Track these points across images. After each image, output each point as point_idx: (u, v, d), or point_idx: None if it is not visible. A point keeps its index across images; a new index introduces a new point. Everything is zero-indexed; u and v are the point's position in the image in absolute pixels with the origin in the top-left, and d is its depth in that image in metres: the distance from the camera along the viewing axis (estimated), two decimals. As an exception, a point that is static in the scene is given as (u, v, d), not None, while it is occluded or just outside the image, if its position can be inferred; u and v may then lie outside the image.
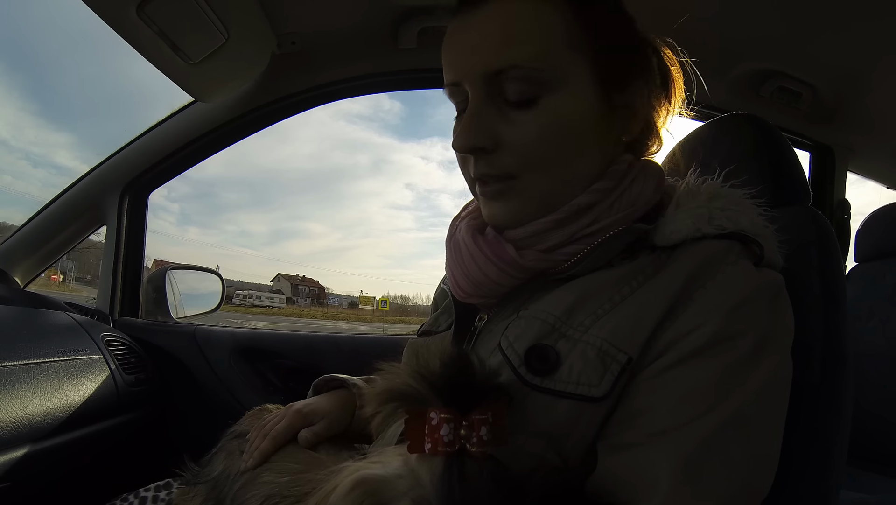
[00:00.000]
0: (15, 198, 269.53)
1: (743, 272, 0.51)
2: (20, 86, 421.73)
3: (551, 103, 0.54)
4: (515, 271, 0.57)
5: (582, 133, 0.56)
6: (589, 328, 0.51)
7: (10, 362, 0.92)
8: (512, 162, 0.55)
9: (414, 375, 0.39)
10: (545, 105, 0.54)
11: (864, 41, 1.18)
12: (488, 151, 0.56)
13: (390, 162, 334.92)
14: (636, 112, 0.60)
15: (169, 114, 1.44)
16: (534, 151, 0.55)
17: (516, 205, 0.58)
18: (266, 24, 1.17)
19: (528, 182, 0.56)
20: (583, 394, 0.48)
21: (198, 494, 0.71)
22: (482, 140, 0.55)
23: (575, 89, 0.55)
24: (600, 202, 0.57)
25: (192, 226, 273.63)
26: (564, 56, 0.54)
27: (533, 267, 0.57)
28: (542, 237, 0.58)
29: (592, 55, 0.55)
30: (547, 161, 0.55)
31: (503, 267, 0.57)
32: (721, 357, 0.47)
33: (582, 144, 0.56)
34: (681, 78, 0.67)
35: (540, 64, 0.53)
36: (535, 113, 0.54)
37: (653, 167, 0.62)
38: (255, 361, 1.44)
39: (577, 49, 0.54)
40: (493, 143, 0.55)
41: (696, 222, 0.55)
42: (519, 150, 0.55)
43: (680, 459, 0.44)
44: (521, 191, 0.57)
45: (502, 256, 0.57)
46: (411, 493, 0.36)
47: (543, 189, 0.57)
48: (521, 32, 0.53)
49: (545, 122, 0.54)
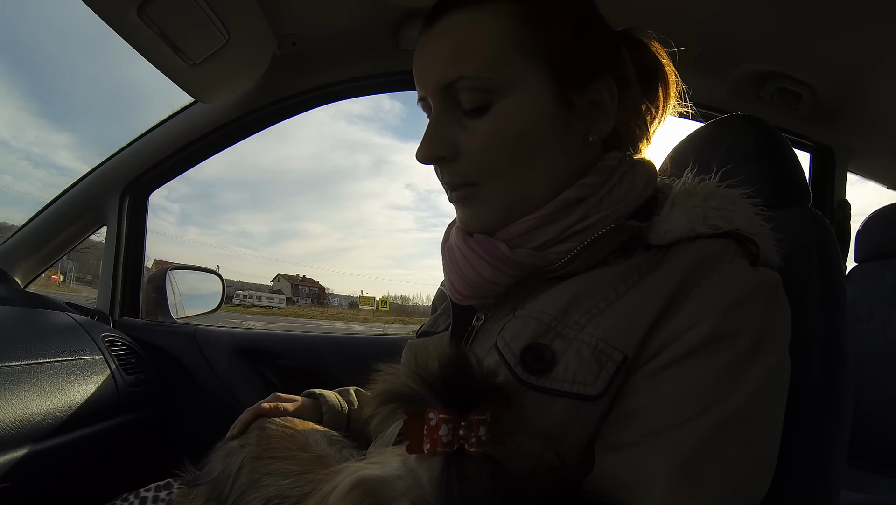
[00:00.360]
0: (16, 198, 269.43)
1: (739, 271, 0.51)
2: (21, 86, 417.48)
3: (502, 109, 0.55)
4: (509, 268, 0.58)
5: (537, 136, 0.56)
6: (584, 327, 0.51)
7: (11, 363, 0.92)
8: (470, 170, 0.58)
9: (412, 376, 0.40)
10: (496, 112, 0.55)
11: (865, 42, 1.18)
12: (449, 160, 0.58)
13: (390, 162, 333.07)
14: (605, 110, 0.59)
15: (169, 114, 1.44)
16: (489, 157, 0.56)
17: (481, 210, 0.60)
18: (267, 24, 1.17)
19: (489, 188, 0.58)
20: (578, 392, 0.48)
21: (198, 496, 0.71)
22: (441, 150, 0.57)
23: (527, 94, 0.55)
24: (589, 197, 0.57)
25: (192, 226, 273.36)
26: (514, 62, 0.55)
27: (526, 263, 0.57)
28: (532, 234, 0.58)
29: (547, 59, 0.56)
30: (503, 166, 0.57)
31: (496, 264, 0.58)
32: (718, 356, 0.47)
33: (539, 147, 0.57)
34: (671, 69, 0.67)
35: (487, 73, 0.55)
36: (486, 120, 0.56)
37: (643, 163, 0.62)
38: (256, 362, 1.44)
39: (529, 53, 0.55)
40: (452, 152, 0.57)
41: (691, 221, 0.55)
42: (475, 158, 0.57)
43: (677, 460, 0.44)
44: (483, 197, 0.59)
45: (494, 254, 0.58)
46: (410, 493, 0.36)
47: (505, 193, 0.58)
48: (468, 44, 0.55)
49: (496, 127, 0.56)
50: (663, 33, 0.68)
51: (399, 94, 1.55)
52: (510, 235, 0.59)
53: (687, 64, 0.68)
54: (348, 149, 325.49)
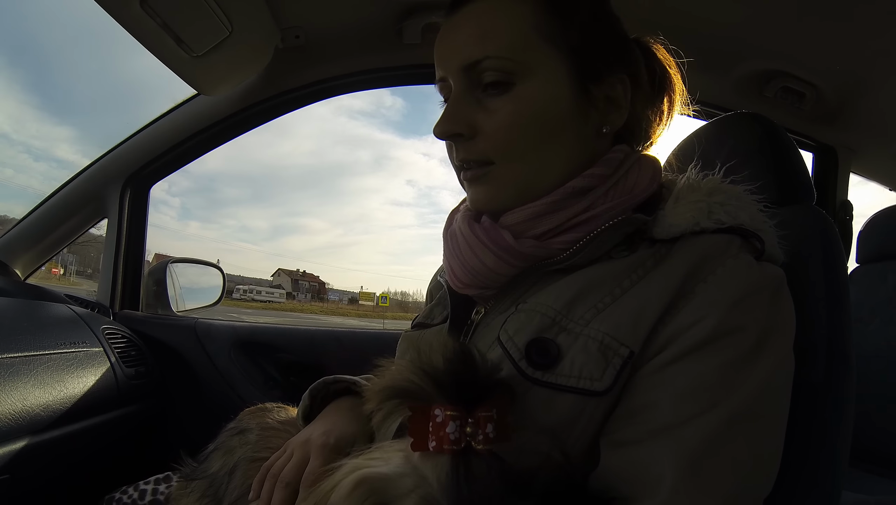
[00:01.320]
0: (16, 191, 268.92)
1: (744, 266, 0.51)
2: (22, 79, 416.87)
3: (523, 91, 0.56)
4: (512, 258, 0.58)
5: (554, 120, 0.57)
6: (590, 322, 0.51)
7: (10, 354, 0.91)
8: (488, 148, 0.58)
9: (416, 372, 0.39)
10: (518, 93, 0.56)
11: (869, 42, 1.18)
12: (466, 138, 0.59)
13: (391, 158, 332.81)
14: (618, 105, 0.61)
15: (171, 107, 1.43)
16: (507, 137, 0.57)
17: (493, 189, 0.60)
18: (270, 17, 1.16)
19: (503, 167, 0.59)
20: (585, 388, 0.48)
21: (195, 490, 0.70)
22: (460, 127, 0.58)
23: (548, 78, 0.57)
24: (595, 188, 0.58)
25: (192, 220, 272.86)
26: (538, 47, 0.56)
27: (530, 253, 0.57)
28: (536, 222, 0.58)
29: (567, 47, 0.57)
30: (520, 146, 0.57)
31: (500, 254, 0.58)
32: (723, 352, 0.47)
33: (555, 131, 0.58)
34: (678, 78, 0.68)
35: (511, 54, 0.56)
36: (507, 100, 0.57)
37: (649, 159, 0.63)
38: (256, 355, 1.44)
39: (552, 41, 0.57)
40: (471, 129, 0.58)
41: (696, 216, 0.55)
42: (493, 136, 0.57)
43: (683, 456, 0.44)
44: (497, 176, 0.59)
45: (499, 243, 0.58)
46: (418, 491, 0.36)
47: (518, 174, 0.59)
48: (494, 27, 0.57)
49: (517, 108, 0.56)
50: (668, 32, 0.68)
51: (401, 89, 1.55)
52: (515, 221, 0.59)
53: (691, 62, 0.68)
54: (349, 144, 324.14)
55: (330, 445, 0.58)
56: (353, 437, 0.60)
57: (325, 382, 0.68)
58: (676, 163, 0.69)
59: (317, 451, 0.57)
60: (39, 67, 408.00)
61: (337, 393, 0.68)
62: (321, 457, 0.56)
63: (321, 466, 0.55)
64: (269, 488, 0.57)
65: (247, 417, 0.77)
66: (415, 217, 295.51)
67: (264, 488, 0.58)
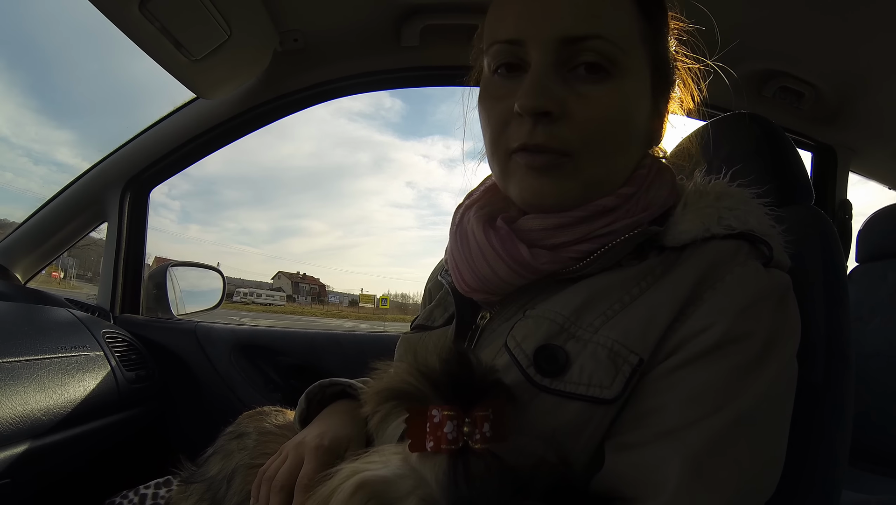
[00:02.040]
0: (16, 195, 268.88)
1: (752, 273, 0.51)
2: (21, 82, 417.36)
3: (622, 85, 0.53)
4: (526, 272, 0.55)
5: (635, 126, 0.56)
6: (599, 329, 0.51)
7: (11, 358, 0.91)
8: (574, 137, 0.52)
9: (413, 373, 0.39)
10: (617, 85, 0.53)
11: (868, 41, 1.18)
12: (552, 119, 0.52)
13: (391, 160, 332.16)
14: (663, 121, 0.61)
15: (171, 110, 1.43)
16: (598, 129, 0.53)
17: (567, 184, 0.54)
18: (269, 21, 1.17)
19: (582, 163, 0.54)
20: (594, 395, 0.48)
21: (193, 493, 0.71)
22: (550, 104, 0.51)
23: (640, 80, 0.56)
24: (621, 206, 0.56)
25: (192, 223, 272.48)
26: (637, 46, 0.55)
27: (544, 269, 0.55)
28: (556, 232, 0.55)
29: (652, 54, 0.57)
30: (606, 142, 0.54)
31: (514, 267, 0.55)
32: (730, 357, 0.47)
33: (632, 138, 0.57)
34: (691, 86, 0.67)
35: (621, 42, 0.52)
36: (606, 90, 0.52)
37: (667, 171, 0.62)
38: (256, 359, 1.44)
39: (646, 42, 0.56)
40: (560, 110, 0.52)
41: (706, 222, 0.55)
42: (584, 125, 0.52)
43: (688, 458, 0.44)
44: (574, 171, 0.54)
45: (514, 256, 0.55)
46: (418, 491, 0.36)
47: (594, 172, 0.55)
48: (604, 7, 0.53)
49: (614, 102, 0.53)
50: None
51: (400, 91, 1.55)
52: (534, 228, 0.56)
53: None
54: (349, 146, 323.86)
55: (324, 447, 0.57)
56: (348, 439, 0.59)
57: (320, 385, 0.67)
58: (675, 164, 0.69)
59: (310, 454, 0.56)
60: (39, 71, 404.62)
61: (333, 396, 0.68)
62: (315, 460, 0.56)
63: (315, 469, 0.54)
64: (266, 493, 0.57)
65: (245, 420, 0.77)
66: (415, 219, 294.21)
67: (261, 493, 0.58)
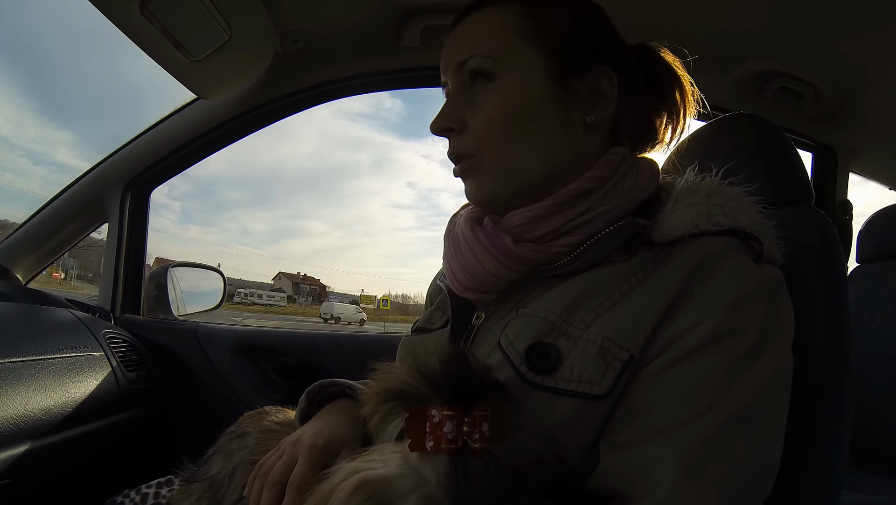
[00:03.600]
0: (16, 195, 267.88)
1: (743, 268, 0.52)
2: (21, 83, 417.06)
3: (502, 84, 0.60)
4: (512, 262, 0.58)
5: (531, 110, 0.60)
6: (589, 326, 0.51)
7: (12, 359, 0.91)
8: (470, 142, 0.62)
9: (412, 374, 0.40)
10: (496, 86, 0.61)
11: (868, 41, 1.18)
12: (456, 133, 0.63)
13: (391, 160, 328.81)
14: (604, 97, 0.62)
15: (171, 111, 1.43)
16: (486, 127, 0.61)
17: (478, 178, 0.63)
18: (269, 21, 1.17)
19: (483, 158, 0.62)
20: (585, 392, 0.49)
21: (194, 493, 0.71)
22: (449, 122, 0.63)
23: (524, 73, 0.60)
24: (595, 190, 0.59)
25: (193, 224, 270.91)
26: (515, 45, 0.61)
27: (530, 258, 0.58)
28: (536, 224, 0.59)
29: (545, 46, 0.61)
30: (498, 135, 0.61)
31: (500, 257, 0.58)
32: (722, 354, 0.47)
33: (532, 120, 0.60)
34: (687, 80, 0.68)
35: (491, 52, 0.61)
36: (489, 93, 0.61)
37: (646, 161, 0.64)
38: (257, 359, 1.44)
39: (529, 40, 0.61)
40: (460, 125, 0.63)
41: (694, 218, 0.55)
42: (476, 128, 0.62)
43: (682, 457, 0.44)
44: (479, 166, 0.62)
45: (499, 247, 0.59)
46: (418, 490, 0.36)
47: (498, 161, 0.61)
48: (478, 34, 0.63)
49: (497, 100, 0.60)
50: (666, 33, 0.68)
51: (400, 91, 1.55)
52: (515, 223, 0.60)
53: (689, 63, 0.68)
54: (349, 147, 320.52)
55: (318, 447, 0.58)
56: (343, 439, 0.60)
57: (321, 385, 0.69)
58: (675, 165, 0.69)
59: (304, 454, 0.57)
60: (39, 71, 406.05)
61: (333, 396, 0.69)
62: (307, 461, 0.57)
63: (307, 469, 0.55)
64: (259, 488, 0.58)
65: (246, 420, 0.77)
66: (415, 219, 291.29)
67: (254, 488, 0.59)
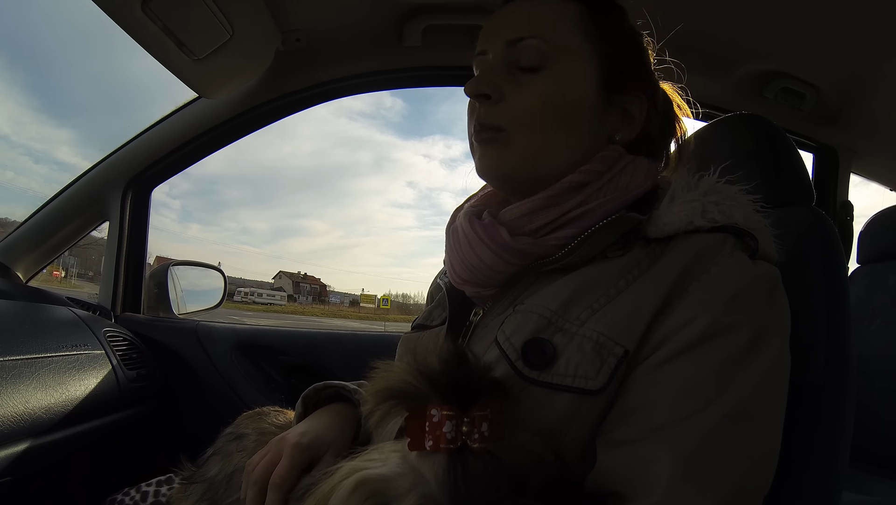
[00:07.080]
0: (16, 194, 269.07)
1: (738, 264, 0.52)
2: (22, 81, 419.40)
3: (554, 73, 0.60)
4: (509, 255, 0.59)
5: (574, 110, 0.61)
6: (585, 322, 0.51)
7: (12, 357, 0.91)
8: (507, 115, 0.60)
9: (412, 373, 0.40)
10: (549, 73, 0.60)
11: (870, 42, 1.18)
12: (492, 102, 0.61)
13: (392, 160, 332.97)
14: (632, 119, 0.63)
15: (172, 110, 1.44)
16: (529, 110, 0.60)
17: (503, 154, 0.61)
18: (271, 20, 1.17)
19: (514, 137, 0.60)
20: (580, 387, 0.49)
21: (193, 493, 0.71)
22: (488, 88, 0.61)
23: (579, 68, 0.61)
24: (590, 183, 0.59)
25: (193, 223, 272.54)
26: (576, 40, 0.61)
27: (526, 251, 0.58)
28: (533, 217, 0.60)
29: (601, 51, 0.61)
30: (538, 121, 0.60)
31: (496, 250, 0.59)
32: (718, 350, 0.48)
33: (572, 120, 0.61)
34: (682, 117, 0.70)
35: (552, 39, 0.60)
36: (538, 78, 0.60)
37: (642, 160, 0.64)
38: (257, 358, 1.44)
39: (592, 41, 0.61)
40: (498, 94, 0.61)
41: (690, 215, 0.55)
42: (516, 107, 0.60)
43: (679, 455, 0.44)
44: (509, 143, 0.61)
45: (496, 240, 0.59)
46: (417, 489, 0.36)
47: (529, 147, 0.60)
48: (542, 14, 0.62)
49: (545, 87, 0.60)
50: (667, 33, 0.68)
51: (400, 91, 1.55)
52: (513, 216, 0.60)
53: (690, 64, 0.68)
54: (350, 146, 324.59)
55: (302, 445, 0.59)
56: (331, 441, 0.61)
57: (315, 388, 0.69)
58: (676, 165, 0.69)
59: (287, 451, 0.58)
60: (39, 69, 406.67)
61: (328, 399, 0.69)
62: (290, 459, 0.57)
63: (289, 467, 0.57)
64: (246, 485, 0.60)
65: (244, 421, 0.77)
66: (416, 219, 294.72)
67: (243, 485, 0.60)
